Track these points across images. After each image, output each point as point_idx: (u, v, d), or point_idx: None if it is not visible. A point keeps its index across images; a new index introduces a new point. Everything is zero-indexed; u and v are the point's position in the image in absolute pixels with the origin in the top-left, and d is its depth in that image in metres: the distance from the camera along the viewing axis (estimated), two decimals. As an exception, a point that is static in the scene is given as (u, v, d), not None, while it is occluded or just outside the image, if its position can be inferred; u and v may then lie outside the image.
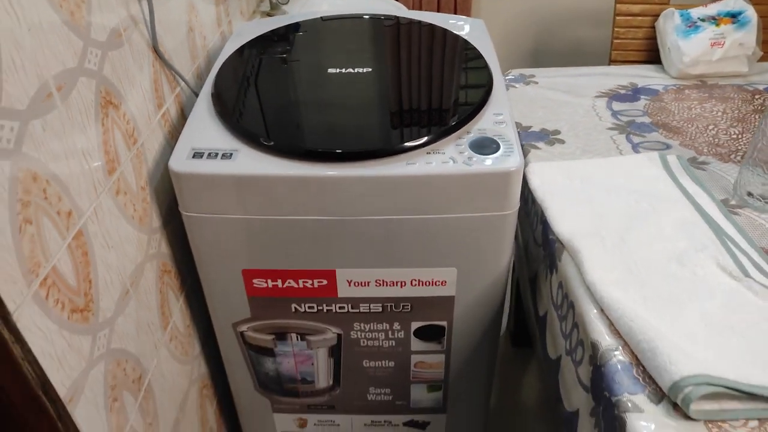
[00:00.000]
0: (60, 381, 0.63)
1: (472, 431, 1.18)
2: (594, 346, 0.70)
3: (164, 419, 0.90)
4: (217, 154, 0.82)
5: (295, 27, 1.17)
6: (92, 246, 0.69)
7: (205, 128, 0.88)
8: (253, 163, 0.81)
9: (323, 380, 1.08)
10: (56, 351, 0.62)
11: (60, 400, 0.63)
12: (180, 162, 0.82)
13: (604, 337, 0.69)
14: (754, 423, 0.60)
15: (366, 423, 1.16)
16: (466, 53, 1.05)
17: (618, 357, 0.67)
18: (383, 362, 1.05)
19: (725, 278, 0.74)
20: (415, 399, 1.11)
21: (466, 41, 1.08)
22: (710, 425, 0.60)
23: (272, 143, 0.82)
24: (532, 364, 1.57)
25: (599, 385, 0.68)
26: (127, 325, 0.78)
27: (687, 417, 0.60)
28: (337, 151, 0.81)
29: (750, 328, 0.67)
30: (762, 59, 1.26)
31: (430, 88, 0.96)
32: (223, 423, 1.21)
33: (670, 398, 0.61)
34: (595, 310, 0.73)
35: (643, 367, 0.65)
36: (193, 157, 0.82)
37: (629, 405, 0.62)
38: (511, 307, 1.64)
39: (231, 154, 0.82)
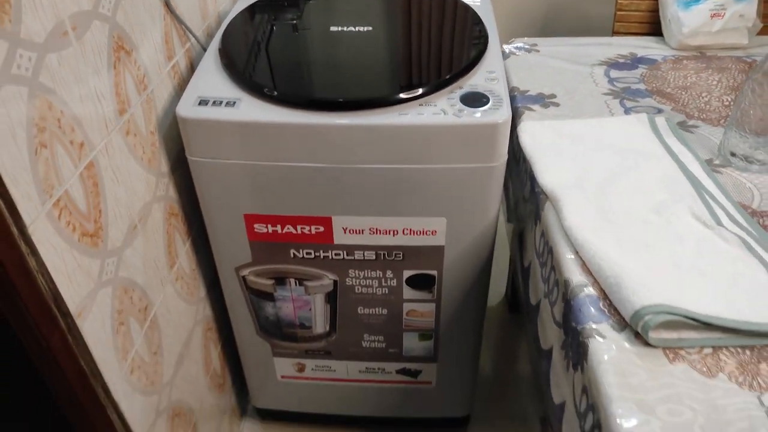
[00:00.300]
0: (70, 296, 0.69)
1: (462, 380, 1.23)
2: (566, 284, 0.74)
3: (169, 352, 0.97)
4: (221, 102, 0.88)
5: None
6: (102, 178, 0.75)
7: (212, 79, 0.93)
8: (255, 110, 0.86)
9: (320, 326, 1.14)
10: (67, 268, 0.68)
11: (70, 314, 0.69)
12: (186, 108, 0.87)
13: (575, 275, 0.74)
14: (708, 350, 0.64)
15: (360, 370, 1.22)
16: (465, 16, 1.09)
17: (587, 292, 0.71)
18: (377, 309, 1.10)
19: (698, 226, 0.77)
20: (408, 347, 1.16)
21: (465, 5, 1.12)
22: (668, 352, 0.64)
23: (273, 92, 0.87)
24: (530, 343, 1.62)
25: (568, 318, 0.72)
26: (134, 258, 0.84)
27: (646, 344, 0.64)
28: (334, 100, 0.86)
29: (715, 270, 0.71)
30: (762, 32, 1.27)
31: (427, 46, 1.00)
32: (227, 366, 1.28)
33: (632, 328, 0.66)
34: (570, 254, 0.77)
35: (609, 300, 0.69)
36: (199, 104, 0.88)
37: (593, 332, 0.66)
38: (510, 275, 1.68)
39: (234, 103, 0.88)
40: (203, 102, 0.88)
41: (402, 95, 0.87)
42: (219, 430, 1.24)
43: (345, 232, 0.98)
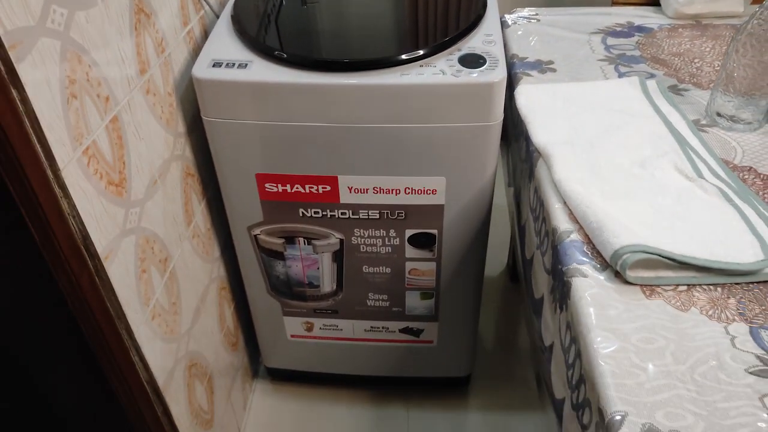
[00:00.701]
0: (98, 239, 0.75)
1: (463, 340, 1.30)
2: (554, 231, 0.79)
3: (186, 304, 1.04)
4: (234, 64, 0.93)
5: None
6: (125, 133, 0.81)
7: (225, 43, 0.99)
8: (266, 71, 0.92)
9: (328, 285, 1.20)
10: (95, 212, 0.75)
11: (98, 255, 0.76)
12: (201, 70, 0.93)
13: (562, 223, 0.79)
14: (683, 288, 0.69)
15: (366, 329, 1.28)
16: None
17: (572, 237, 0.77)
18: (381, 268, 1.16)
19: (680, 178, 0.82)
20: (410, 306, 1.23)
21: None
22: (645, 289, 0.69)
23: (283, 54, 0.93)
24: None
25: (556, 263, 0.78)
26: (155, 211, 0.91)
27: (626, 282, 0.70)
28: (340, 61, 0.91)
29: (693, 215, 0.76)
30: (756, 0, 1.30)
31: (428, 10, 1.05)
32: (239, 324, 1.35)
33: (613, 268, 0.71)
34: (558, 204, 0.82)
35: (593, 244, 0.75)
36: (213, 66, 0.93)
37: (576, 272, 0.72)
38: (511, 246, 1.73)
39: (246, 65, 0.93)
40: (217, 64, 0.93)
41: (403, 56, 0.92)
42: (232, 387, 1.32)
43: (350, 192, 1.04)
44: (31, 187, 0.65)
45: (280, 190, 1.05)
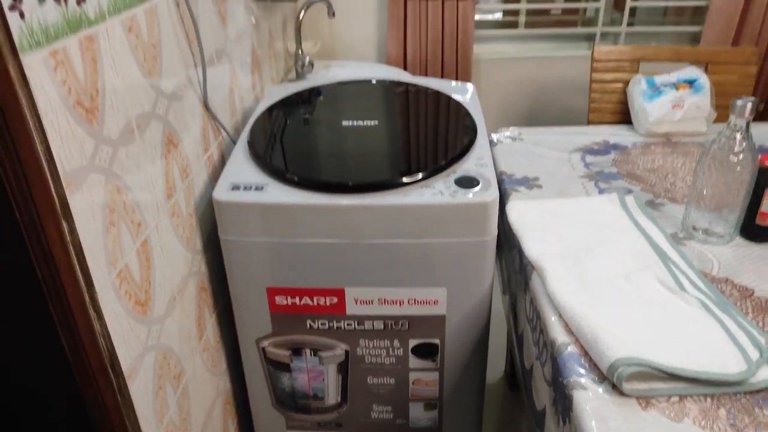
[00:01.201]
0: (123, 358, 0.79)
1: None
2: (552, 344, 0.85)
3: (195, 420, 1.05)
4: (251, 187, 1.02)
5: (315, 90, 1.40)
6: (153, 254, 0.88)
7: (242, 168, 1.08)
8: (280, 194, 1.01)
9: (332, 397, 1.22)
10: (123, 332, 0.79)
11: (122, 374, 0.80)
12: (222, 193, 1.01)
13: (560, 335, 0.85)
14: (675, 399, 0.74)
15: (370, 440, 1.29)
16: (457, 111, 1.26)
17: (570, 350, 0.82)
18: (385, 379, 1.19)
19: (664, 291, 0.89)
20: (414, 417, 1.24)
21: (457, 102, 1.29)
22: (640, 400, 0.74)
23: (295, 178, 1.02)
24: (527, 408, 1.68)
25: (556, 375, 0.82)
26: (173, 327, 0.95)
27: (622, 394, 0.75)
28: (348, 183, 1.00)
29: (678, 327, 0.82)
30: (718, 120, 1.44)
31: (426, 136, 1.17)
32: (242, 437, 1.34)
33: (609, 380, 0.76)
34: (554, 317, 0.88)
35: (589, 357, 0.80)
36: (232, 189, 1.02)
37: (577, 384, 0.77)
38: (508, 354, 1.76)
39: (262, 187, 1.02)
40: (235, 187, 1.02)
41: (405, 179, 1.02)
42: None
43: (356, 303, 1.09)
44: (71, 311, 0.70)
45: (290, 303, 1.10)
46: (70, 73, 0.66)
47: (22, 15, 0.59)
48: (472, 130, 1.17)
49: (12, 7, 0.57)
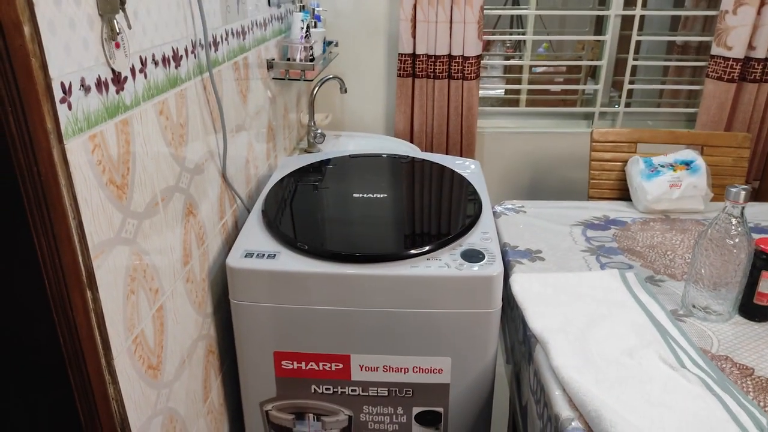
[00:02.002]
0: (133, 422, 0.81)
1: None
2: (556, 418, 0.86)
3: (195, 484, 1.05)
4: (263, 255, 1.06)
5: (327, 161, 1.46)
6: (167, 319, 0.91)
7: (255, 236, 1.12)
8: (292, 262, 1.04)
9: (334, 462, 1.22)
10: (135, 396, 0.81)
11: (131, 438, 0.81)
12: (235, 260, 1.05)
13: (564, 410, 0.86)
14: (679, 478, 0.75)
15: None
16: (462, 186, 1.32)
17: (574, 425, 0.83)
18: (387, 446, 1.19)
19: (665, 368, 0.91)
20: (416, 486, 1.23)
21: (462, 176, 1.35)
22: (644, 478, 0.75)
23: (306, 247, 1.06)
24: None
25: (560, 449, 0.83)
26: (180, 390, 0.97)
27: (626, 472, 0.75)
28: (357, 254, 1.04)
29: (680, 405, 0.83)
30: (715, 199, 1.50)
31: (432, 210, 1.21)
32: (240, 505, 1.32)
33: (613, 457, 0.77)
34: (558, 391, 0.90)
35: (593, 432, 0.81)
36: (245, 256, 1.06)
37: (580, 460, 0.77)
38: (510, 418, 1.75)
39: (275, 255, 1.06)
40: (249, 254, 1.06)
41: (412, 251, 1.05)
42: None
43: (361, 369, 1.11)
44: (87, 375, 0.72)
45: (296, 367, 1.11)
46: (105, 154, 0.72)
47: (69, 106, 0.65)
48: (477, 205, 1.22)
49: (62, 100, 0.63)
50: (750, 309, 1.05)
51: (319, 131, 1.80)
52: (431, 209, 1.23)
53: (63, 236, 0.66)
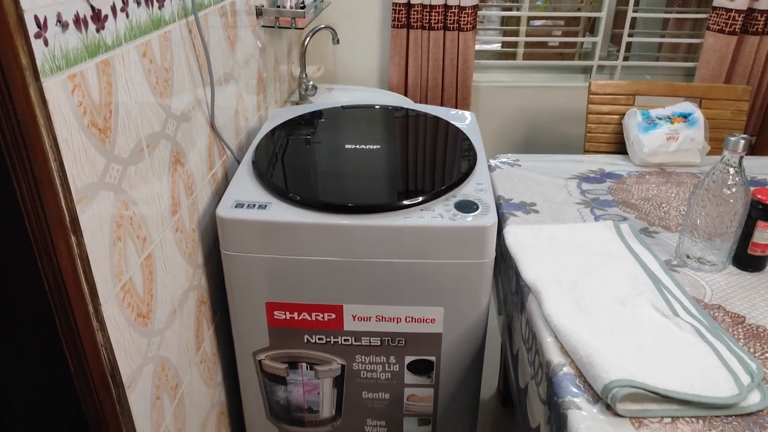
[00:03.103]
0: (123, 369, 0.81)
1: (459, 468, 1.30)
2: (548, 364, 0.86)
3: (191, 430, 1.06)
4: (254, 205, 1.04)
5: (319, 113, 1.43)
6: (156, 268, 0.89)
7: (246, 186, 1.10)
8: (283, 212, 1.03)
9: (327, 410, 1.23)
10: (124, 343, 0.80)
11: (122, 384, 0.81)
12: (225, 210, 1.03)
13: (555, 356, 0.86)
14: (667, 420, 0.75)
15: (363, 457, 1.29)
16: (456, 136, 1.29)
17: (565, 370, 0.83)
18: (380, 394, 1.20)
19: (657, 316, 0.91)
20: (408, 433, 1.25)
21: (457, 128, 1.33)
22: (634, 421, 0.75)
23: (298, 198, 1.04)
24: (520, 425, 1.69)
25: (551, 395, 0.84)
26: (172, 339, 0.96)
27: (616, 414, 0.76)
28: (349, 205, 1.02)
29: (671, 352, 0.84)
30: (711, 153, 1.48)
31: (426, 161, 1.19)
32: (235, 452, 1.34)
33: (603, 401, 0.77)
34: (550, 338, 0.90)
35: (584, 378, 0.81)
36: (236, 206, 1.04)
37: (571, 404, 0.78)
38: (501, 370, 1.77)
39: (265, 206, 1.04)
40: (239, 205, 1.04)
41: (405, 202, 1.04)
42: None
43: (354, 320, 1.11)
44: (75, 322, 0.71)
45: (288, 318, 1.11)
46: (86, 95, 0.69)
47: (46, 42, 0.61)
48: (471, 156, 1.20)
49: (37, 35, 0.60)
50: (744, 259, 1.05)
51: (311, 83, 1.76)
52: (425, 160, 1.21)
53: (44, 179, 0.63)
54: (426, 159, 1.21)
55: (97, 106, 0.72)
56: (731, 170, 0.98)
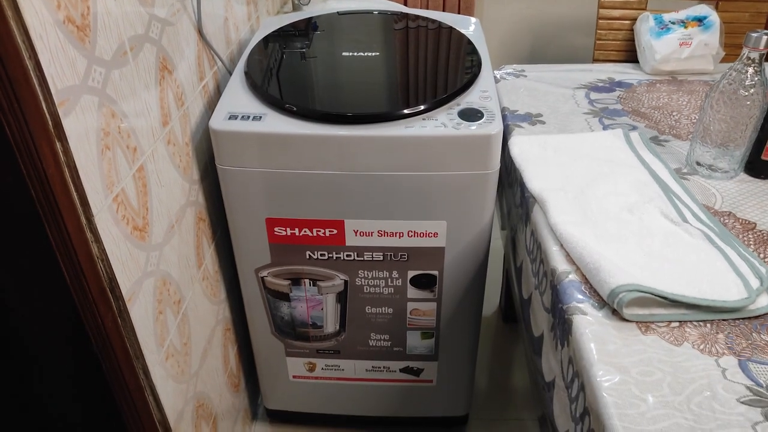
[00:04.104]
0: (122, 282, 0.79)
1: (461, 379, 1.33)
2: (553, 272, 0.85)
3: (196, 346, 1.06)
4: (248, 117, 0.99)
5: (314, 21, 1.35)
6: (149, 180, 0.86)
7: (239, 97, 1.05)
8: (279, 123, 0.98)
9: (331, 325, 1.24)
10: (121, 256, 0.79)
11: (122, 297, 0.79)
12: (218, 122, 0.99)
13: (561, 264, 0.85)
14: (675, 324, 0.75)
15: (367, 368, 1.31)
16: (460, 43, 1.22)
17: (570, 278, 0.82)
18: (383, 309, 1.20)
19: (666, 223, 0.89)
20: (411, 345, 1.26)
21: (461, 34, 1.25)
22: (640, 325, 0.75)
23: (295, 108, 0.99)
24: (523, 337, 1.72)
25: (556, 302, 0.83)
26: (171, 254, 0.95)
27: (622, 319, 0.75)
28: (348, 114, 0.98)
29: (680, 258, 0.82)
30: (725, 59, 1.41)
31: (429, 68, 1.13)
32: (241, 366, 1.36)
33: (610, 306, 0.77)
34: (555, 246, 0.88)
35: (590, 284, 0.80)
36: (229, 118, 0.99)
37: (576, 310, 0.77)
38: (503, 287, 1.79)
39: (260, 117, 0.99)
40: (233, 117, 0.99)
41: (407, 111, 0.99)
42: (233, 429, 1.32)
43: (356, 235, 1.09)
44: (67, 232, 0.69)
45: (289, 234, 1.09)
46: (58, -18, 0.63)
47: None
48: (476, 63, 1.14)
49: None
50: (757, 166, 1.01)
51: (305, -8, 1.66)
52: (427, 68, 1.15)
53: (19, 77, 0.59)
54: (428, 66, 1.15)
55: (72, 0, 0.66)
56: (750, 70, 0.93)
